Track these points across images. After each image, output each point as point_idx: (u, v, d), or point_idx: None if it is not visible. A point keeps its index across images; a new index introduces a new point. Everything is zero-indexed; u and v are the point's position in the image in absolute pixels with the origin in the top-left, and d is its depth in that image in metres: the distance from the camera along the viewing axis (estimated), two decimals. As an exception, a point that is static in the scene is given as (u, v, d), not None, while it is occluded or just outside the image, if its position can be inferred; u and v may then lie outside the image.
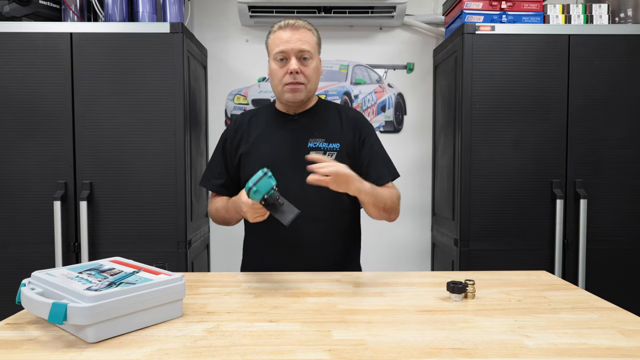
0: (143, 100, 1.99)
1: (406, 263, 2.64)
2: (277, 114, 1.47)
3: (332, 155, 1.38)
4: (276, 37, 1.38)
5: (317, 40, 1.42)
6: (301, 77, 1.36)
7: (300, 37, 1.36)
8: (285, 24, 1.37)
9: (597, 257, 2.05)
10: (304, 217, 1.20)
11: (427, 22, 2.57)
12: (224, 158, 1.48)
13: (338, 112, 1.48)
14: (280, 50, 1.35)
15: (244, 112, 1.54)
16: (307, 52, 1.36)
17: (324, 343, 0.83)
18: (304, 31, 1.37)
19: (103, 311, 0.83)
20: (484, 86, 2.03)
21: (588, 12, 2.10)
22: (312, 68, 1.38)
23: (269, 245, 1.42)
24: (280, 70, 1.37)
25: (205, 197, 2.49)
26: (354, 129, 1.44)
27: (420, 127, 2.62)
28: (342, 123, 1.45)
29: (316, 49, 1.41)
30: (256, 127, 1.46)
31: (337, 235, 1.44)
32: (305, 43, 1.36)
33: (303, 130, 1.42)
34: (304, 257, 1.39)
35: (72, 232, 2.01)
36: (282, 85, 1.38)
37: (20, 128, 1.98)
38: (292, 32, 1.36)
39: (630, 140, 2.05)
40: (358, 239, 1.54)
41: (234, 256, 2.62)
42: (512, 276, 1.32)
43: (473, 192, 2.05)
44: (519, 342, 0.84)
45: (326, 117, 1.46)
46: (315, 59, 1.40)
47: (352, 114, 1.49)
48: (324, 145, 1.40)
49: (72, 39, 1.97)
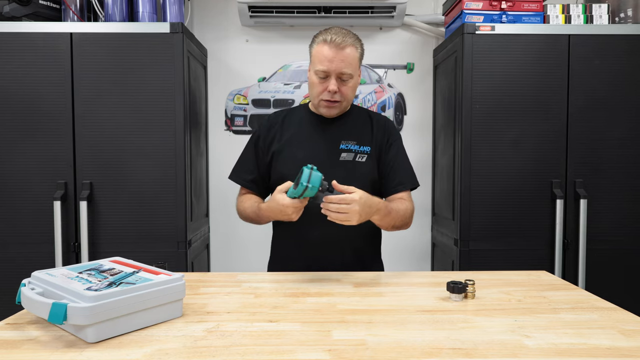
0: (143, 100, 1.99)
1: (406, 263, 2.64)
2: (311, 115, 1.50)
3: (362, 157, 1.42)
4: (320, 51, 1.36)
5: (359, 55, 1.41)
6: (338, 96, 1.38)
7: (344, 58, 1.34)
8: (331, 40, 1.34)
9: (597, 257, 2.05)
10: None
11: (427, 22, 2.57)
12: (256, 154, 1.49)
13: (369, 116, 1.51)
14: (322, 69, 1.35)
15: (278, 111, 1.56)
16: (347, 74, 1.36)
17: (324, 343, 0.83)
18: (348, 50, 1.35)
19: (103, 311, 0.83)
20: (484, 86, 2.03)
21: (588, 12, 2.10)
22: (350, 87, 1.40)
23: (298, 245, 1.44)
24: (320, 85, 1.38)
25: (206, 198, 2.49)
26: (384, 133, 1.47)
27: (420, 127, 2.62)
28: (372, 127, 1.47)
29: (357, 65, 1.40)
30: (290, 127, 1.48)
31: (362, 234, 1.45)
32: (348, 65, 1.35)
33: (336, 133, 1.45)
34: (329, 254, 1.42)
35: (72, 232, 2.01)
36: (319, 100, 1.40)
37: (20, 128, 1.98)
38: (336, 51, 1.34)
39: (630, 140, 2.05)
40: (379, 237, 1.57)
41: (234, 256, 2.64)
42: (512, 276, 1.32)
43: (473, 192, 2.05)
44: (519, 342, 0.84)
45: (358, 121, 1.48)
46: (355, 77, 1.41)
47: (382, 119, 1.52)
48: (356, 148, 1.43)
49: (72, 39, 1.97)
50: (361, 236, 1.45)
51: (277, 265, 1.51)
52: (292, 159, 1.41)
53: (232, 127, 2.59)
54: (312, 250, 1.42)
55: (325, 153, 1.42)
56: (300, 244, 1.43)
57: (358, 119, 1.49)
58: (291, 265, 1.41)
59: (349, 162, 1.41)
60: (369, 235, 1.49)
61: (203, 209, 2.42)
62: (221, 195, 2.59)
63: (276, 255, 1.54)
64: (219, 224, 2.60)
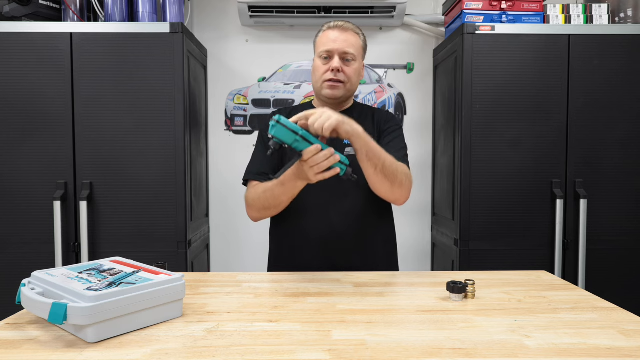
0: (143, 100, 1.99)
1: (406, 263, 2.64)
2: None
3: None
4: (324, 36, 1.42)
5: (362, 44, 1.45)
6: (342, 76, 1.40)
7: (347, 38, 1.40)
8: (335, 25, 1.42)
9: (597, 257, 2.05)
10: (339, 211, 1.29)
11: (427, 22, 2.57)
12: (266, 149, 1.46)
13: (372, 113, 1.52)
14: (326, 49, 1.40)
15: (282, 109, 1.56)
16: (350, 54, 1.40)
17: (324, 343, 0.83)
18: (351, 34, 1.41)
19: (103, 311, 0.83)
20: (484, 86, 2.03)
21: (588, 12, 2.10)
22: (354, 69, 1.42)
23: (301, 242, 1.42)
24: (323, 67, 1.41)
25: (206, 198, 2.49)
26: (383, 122, 1.48)
27: (420, 127, 2.62)
28: (374, 120, 1.48)
29: (360, 52, 1.44)
30: None
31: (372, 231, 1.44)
32: (350, 46, 1.40)
33: None
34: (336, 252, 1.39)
35: (72, 232, 2.01)
36: (322, 81, 1.41)
37: (20, 128, 1.98)
38: (339, 32, 1.40)
39: (631, 140, 2.05)
40: (393, 241, 1.54)
41: (234, 256, 2.64)
42: (512, 276, 1.32)
43: (473, 192, 2.05)
44: (519, 342, 0.84)
45: (361, 116, 1.48)
46: (358, 62, 1.43)
47: (384, 113, 1.54)
48: None
49: (72, 39, 1.97)
50: (371, 239, 1.43)
51: (278, 266, 1.50)
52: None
53: (232, 127, 2.59)
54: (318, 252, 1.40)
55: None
56: (304, 244, 1.42)
57: (361, 114, 1.49)
58: (294, 266, 1.40)
59: (353, 157, 1.41)
60: (379, 239, 1.47)
61: (203, 209, 2.42)
62: (221, 195, 2.59)
63: (278, 255, 1.52)
64: (219, 224, 2.60)
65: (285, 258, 1.48)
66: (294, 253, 1.45)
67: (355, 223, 1.40)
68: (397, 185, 1.28)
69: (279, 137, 1.10)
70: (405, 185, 1.30)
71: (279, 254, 1.50)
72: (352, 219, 1.40)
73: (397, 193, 1.30)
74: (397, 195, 1.31)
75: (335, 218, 1.39)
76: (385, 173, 1.25)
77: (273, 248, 1.53)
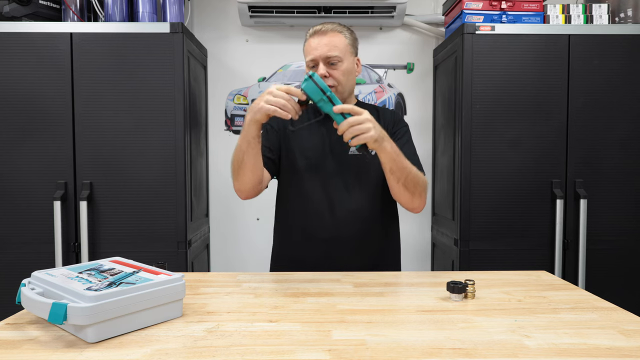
0: (143, 100, 1.99)
1: (406, 263, 2.63)
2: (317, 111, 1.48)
3: (371, 150, 1.38)
4: (308, 45, 1.42)
5: (348, 41, 1.42)
6: (331, 80, 1.39)
7: (328, 42, 1.38)
8: (314, 31, 1.41)
9: (597, 257, 2.05)
10: (344, 210, 1.31)
11: (427, 22, 2.57)
12: (268, 138, 1.45)
13: (376, 110, 1.51)
14: (309, 58, 1.40)
15: None
16: (334, 57, 1.38)
17: (324, 343, 0.83)
18: (331, 35, 1.39)
19: (103, 311, 0.83)
20: (484, 86, 2.03)
21: (588, 12, 2.10)
22: (342, 70, 1.40)
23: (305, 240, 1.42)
24: None
25: (206, 198, 2.49)
26: (390, 124, 1.47)
27: (420, 127, 2.62)
28: (379, 119, 1.46)
29: (347, 49, 1.42)
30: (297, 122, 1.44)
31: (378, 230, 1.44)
32: (333, 48, 1.38)
33: None
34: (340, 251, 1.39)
35: (72, 232, 2.01)
36: None
37: (20, 128, 1.98)
38: (319, 38, 1.39)
39: (631, 140, 2.05)
40: (397, 241, 1.54)
41: (234, 256, 2.64)
42: (512, 276, 1.32)
43: (473, 192, 2.05)
44: (519, 342, 0.84)
45: None
46: (346, 61, 1.41)
47: (389, 113, 1.53)
48: None
49: (72, 39, 1.97)
50: (374, 238, 1.43)
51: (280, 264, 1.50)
52: (300, 153, 1.42)
53: (232, 127, 2.59)
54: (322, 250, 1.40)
55: (334, 147, 1.42)
56: (308, 243, 1.42)
57: None
58: (296, 264, 1.40)
59: (359, 156, 1.41)
60: (384, 238, 1.47)
61: (203, 209, 2.42)
62: (221, 195, 2.59)
63: (281, 253, 1.52)
64: (219, 224, 2.60)
65: (288, 256, 1.48)
66: (297, 251, 1.45)
67: (360, 222, 1.41)
68: (417, 196, 1.34)
69: (308, 92, 1.16)
70: (423, 195, 1.36)
71: (282, 251, 1.50)
72: (357, 217, 1.40)
73: (416, 203, 1.35)
74: (415, 205, 1.36)
75: (340, 217, 1.39)
76: (407, 186, 1.30)
77: (276, 245, 1.53)
